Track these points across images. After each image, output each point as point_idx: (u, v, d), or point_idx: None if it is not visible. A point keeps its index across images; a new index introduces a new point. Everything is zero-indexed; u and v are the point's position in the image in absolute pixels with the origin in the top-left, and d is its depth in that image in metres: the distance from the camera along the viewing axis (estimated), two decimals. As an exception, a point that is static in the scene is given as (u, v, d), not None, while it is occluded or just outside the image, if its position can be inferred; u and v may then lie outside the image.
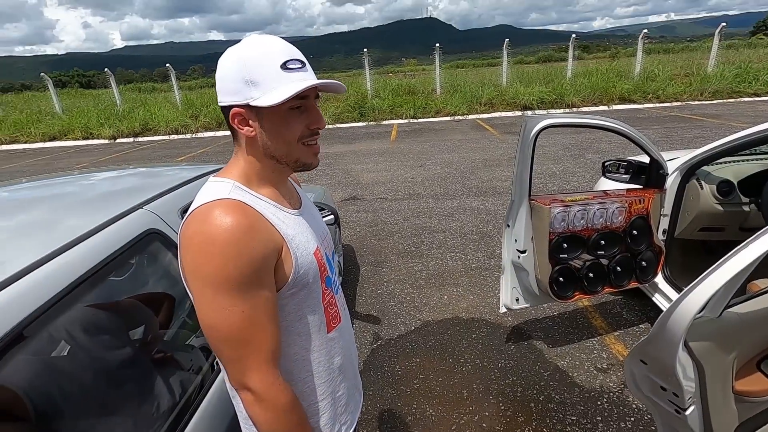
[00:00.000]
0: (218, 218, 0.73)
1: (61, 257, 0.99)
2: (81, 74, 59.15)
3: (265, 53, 0.76)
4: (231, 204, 0.76)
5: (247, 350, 0.76)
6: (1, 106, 16.39)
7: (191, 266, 0.74)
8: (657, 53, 20.35)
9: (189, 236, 0.75)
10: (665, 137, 8.16)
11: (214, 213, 0.74)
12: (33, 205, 1.40)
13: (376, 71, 16.49)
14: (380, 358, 2.60)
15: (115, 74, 16.26)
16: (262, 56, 0.76)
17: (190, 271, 0.75)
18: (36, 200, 1.48)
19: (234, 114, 0.78)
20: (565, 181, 5.85)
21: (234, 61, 0.77)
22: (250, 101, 0.76)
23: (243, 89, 0.76)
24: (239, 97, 0.77)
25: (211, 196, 0.77)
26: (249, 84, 0.75)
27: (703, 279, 0.92)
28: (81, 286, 1.00)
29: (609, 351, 2.51)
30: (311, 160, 0.86)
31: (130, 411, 1.09)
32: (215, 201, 0.76)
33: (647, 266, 2.41)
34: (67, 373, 1.01)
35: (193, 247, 0.74)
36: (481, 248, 3.99)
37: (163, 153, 10.75)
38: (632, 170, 2.52)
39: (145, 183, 1.71)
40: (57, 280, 0.95)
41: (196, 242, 0.73)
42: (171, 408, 1.11)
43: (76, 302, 1.01)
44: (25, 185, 1.80)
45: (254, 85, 0.75)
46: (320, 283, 0.89)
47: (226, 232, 0.72)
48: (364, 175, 6.95)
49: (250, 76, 0.75)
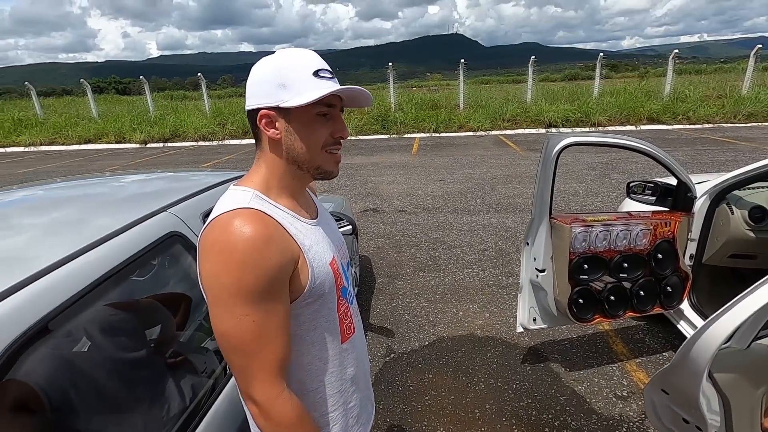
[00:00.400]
0: (238, 228, 0.74)
1: (86, 255, 1.03)
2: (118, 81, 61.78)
3: (299, 61, 0.80)
4: (251, 213, 0.77)
5: (254, 361, 0.76)
6: (43, 110, 17.22)
7: (209, 274, 0.76)
8: (688, 74, 19.89)
9: (209, 244, 0.76)
10: (695, 159, 7.93)
11: (234, 222, 0.75)
12: (65, 204, 1.45)
13: (400, 85, 16.64)
14: (392, 371, 2.58)
15: (150, 82, 16.93)
16: (296, 64, 0.80)
17: (208, 279, 0.76)
18: (68, 199, 1.54)
19: (262, 115, 0.80)
20: (589, 201, 5.73)
21: (269, 67, 0.80)
22: (280, 103, 0.79)
23: (275, 92, 0.79)
24: (270, 99, 0.79)
25: (232, 205, 0.79)
26: (281, 87, 0.78)
27: (731, 307, 0.88)
28: (104, 284, 1.03)
29: (629, 378, 2.42)
30: (332, 168, 0.87)
31: (141, 409, 1.11)
32: (236, 210, 0.77)
33: (672, 292, 2.33)
34: (84, 369, 1.04)
35: (212, 256, 0.75)
36: (499, 265, 3.93)
37: (190, 159, 11.06)
38: (659, 192, 2.45)
39: (170, 187, 1.76)
40: (81, 277, 0.98)
41: (215, 251, 0.75)
42: (182, 409, 1.13)
43: (98, 300, 1.04)
44: (59, 185, 1.88)
45: (286, 88, 0.78)
46: (336, 294, 0.89)
47: (246, 242, 0.73)
48: (384, 187, 6.98)
49: (283, 80, 0.78)
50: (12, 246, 1.05)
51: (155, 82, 44.02)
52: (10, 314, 0.82)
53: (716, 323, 0.88)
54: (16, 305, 0.83)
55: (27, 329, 0.82)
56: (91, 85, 16.73)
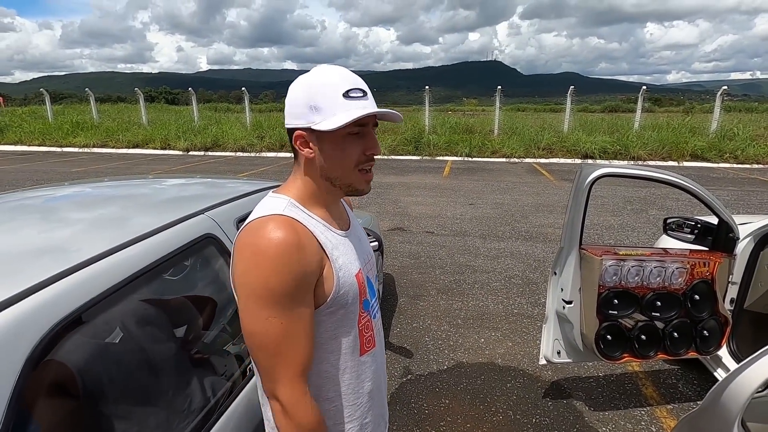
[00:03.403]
0: (271, 232, 0.78)
1: (124, 252, 1.08)
2: (168, 91, 65.41)
3: (329, 82, 0.82)
4: (284, 220, 0.81)
5: (279, 361, 0.79)
6: (99, 114, 18.42)
7: (240, 274, 0.80)
8: (738, 111, 19.10)
9: (242, 246, 0.80)
10: (741, 200, 7.54)
11: (267, 227, 0.79)
12: (108, 202, 1.55)
13: (435, 108, 16.80)
14: (408, 393, 2.54)
15: (197, 93, 17.85)
16: (327, 84, 0.82)
17: (239, 278, 0.80)
18: (111, 198, 1.65)
19: (297, 136, 0.85)
20: (624, 236, 5.54)
21: (301, 88, 0.84)
22: (312, 125, 0.82)
23: (307, 114, 0.82)
24: (303, 120, 0.83)
25: (268, 211, 0.83)
26: (312, 109, 0.82)
27: (767, 352, 0.84)
28: (138, 279, 1.09)
29: (659, 425, 2.28)
30: (363, 187, 0.90)
31: (165, 402, 1.15)
32: (270, 216, 0.82)
33: (709, 336, 2.20)
34: (116, 359, 1.09)
35: (244, 257, 0.79)
36: (525, 294, 3.83)
37: (228, 168, 11.49)
38: (698, 230, 2.35)
39: (208, 192, 1.85)
40: (118, 272, 1.03)
41: (248, 252, 0.79)
42: (202, 405, 1.16)
43: (133, 294, 1.10)
44: (107, 184, 2.01)
45: (317, 110, 0.81)
46: (358, 306, 0.91)
47: (277, 246, 0.77)
48: (413, 208, 6.99)
49: (314, 102, 0.82)
50: (57, 238, 1.13)
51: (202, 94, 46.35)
52: (51, 302, 0.86)
53: (751, 367, 0.84)
54: (55, 294, 0.88)
55: (64, 317, 0.87)
56: (144, 94, 17.81)
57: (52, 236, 1.15)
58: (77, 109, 21.37)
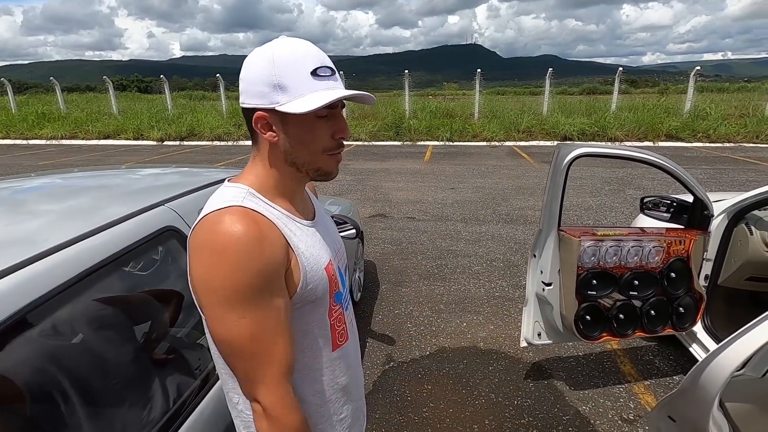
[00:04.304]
0: (229, 226, 0.71)
1: (78, 245, 1.01)
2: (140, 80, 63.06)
3: (295, 58, 0.74)
4: (242, 212, 0.73)
5: (257, 363, 0.73)
6: (66, 105, 17.64)
7: (200, 277, 0.72)
8: (710, 92, 19.52)
9: (198, 245, 0.72)
10: (714, 178, 7.74)
11: (225, 220, 0.72)
12: (67, 195, 1.45)
13: (416, 93, 16.65)
14: (391, 380, 2.52)
15: (170, 81, 17.24)
16: (293, 61, 0.73)
17: (199, 282, 0.72)
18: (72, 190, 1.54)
19: (258, 117, 0.76)
20: (602, 216, 5.61)
21: (263, 63, 0.74)
22: (276, 106, 0.73)
23: (270, 93, 0.73)
24: (265, 100, 0.74)
25: (223, 203, 0.75)
26: (277, 88, 0.73)
27: (746, 331, 0.82)
28: (94, 274, 1.01)
29: (637, 401, 2.32)
30: (332, 169, 0.83)
31: (125, 406, 1.08)
32: (227, 208, 0.74)
33: (685, 313, 2.24)
34: (68, 360, 1.02)
35: (202, 257, 0.71)
36: (506, 277, 3.85)
37: (204, 157, 11.19)
38: (673, 209, 2.37)
39: (173, 181, 1.75)
40: (69, 267, 0.96)
41: (205, 252, 0.71)
42: (165, 409, 1.10)
43: (88, 290, 1.02)
44: (67, 175, 1.89)
45: (281, 89, 0.73)
46: (329, 299, 0.85)
47: (238, 242, 0.70)
48: (394, 193, 6.94)
49: (279, 80, 0.73)
50: (16, 231, 1.05)
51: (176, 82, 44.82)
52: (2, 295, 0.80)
53: (729, 348, 0.82)
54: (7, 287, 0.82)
55: (9, 316, 0.80)
56: (114, 83, 17.11)
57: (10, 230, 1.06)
58: (42, 99, 20.47)
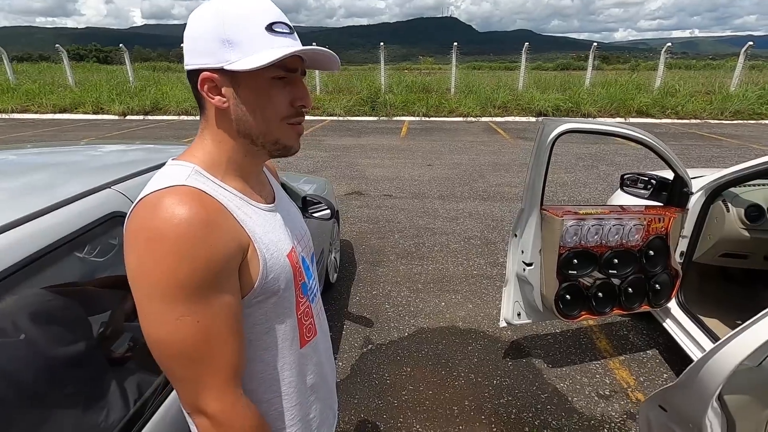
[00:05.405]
0: (170, 209, 0.60)
1: (11, 233, 0.86)
2: (99, 49, 59.28)
3: (248, 11, 0.64)
4: (187, 191, 0.63)
5: (202, 368, 0.63)
6: (15, 75, 16.37)
7: (136, 268, 0.61)
8: (678, 69, 19.96)
9: (134, 231, 0.61)
10: (681, 154, 7.93)
11: (164, 203, 0.61)
12: (7, 173, 1.27)
13: (391, 67, 16.27)
14: (369, 363, 2.47)
15: (132, 52, 16.22)
16: (245, 14, 0.64)
17: (135, 274, 0.61)
18: (12, 168, 1.35)
19: (204, 79, 0.65)
20: (576, 192, 5.67)
21: (210, 16, 0.64)
22: (225, 64, 0.63)
23: (218, 50, 0.63)
24: (212, 59, 0.64)
25: (165, 183, 0.64)
26: (226, 44, 0.63)
27: (749, 326, 0.76)
28: (32, 265, 0.87)
29: (612, 376, 2.35)
30: (293, 143, 0.73)
31: (74, 409, 0.96)
32: (168, 188, 0.63)
33: (661, 290, 2.25)
34: (8, 360, 0.88)
35: (138, 245, 0.60)
36: (484, 255, 3.84)
37: (170, 133, 10.66)
38: (653, 186, 2.35)
39: (124, 160, 1.57)
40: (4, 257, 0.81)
41: (142, 239, 0.60)
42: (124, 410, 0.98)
43: (24, 282, 0.88)
44: (10, 152, 1.68)
45: (232, 45, 0.63)
46: (294, 291, 0.76)
47: (179, 226, 0.59)
48: (370, 170, 6.80)
49: (228, 35, 0.63)
50: None
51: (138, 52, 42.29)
52: None
53: (732, 343, 0.77)
54: None
55: None
56: (70, 53, 16.01)
57: None
58: (-11, 69, 18.93)
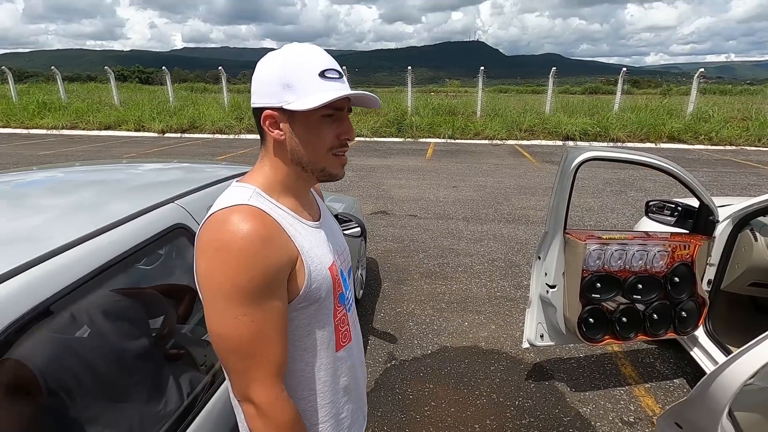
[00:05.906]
0: (235, 225, 0.73)
1: (91, 242, 1.01)
2: (141, 70, 62.84)
3: (305, 60, 0.77)
4: (249, 211, 0.76)
5: (253, 362, 0.75)
6: (67, 94, 17.56)
7: (204, 273, 0.74)
8: (713, 94, 19.49)
9: (205, 242, 0.75)
10: (716, 181, 7.74)
11: (231, 219, 0.74)
12: (77, 189, 1.45)
13: (418, 89, 16.61)
14: (392, 379, 2.53)
15: (172, 73, 17.16)
16: (302, 62, 0.77)
17: (203, 278, 0.74)
18: (81, 184, 1.54)
19: (266, 116, 0.79)
20: (603, 217, 5.62)
21: (274, 65, 0.78)
22: (285, 104, 0.77)
23: (279, 92, 0.77)
24: (274, 99, 0.77)
25: (231, 202, 0.77)
26: (286, 87, 0.76)
27: (758, 343, 0.82)
28: (107, 271, 1.02)
29: (637, 403, 2.34)
30: (337, 171, 0.85)
31: (138, 399, 1.09)
32: (234, 206, 0.76)
33: (687, 317, 2.24)
34: (84, 355, 1.02)
35: (208, 254, 0.73)
36: (508, 277, 3.86)
37: (205, 150, 11.17)
38: (678, 213, 2.37)
39: (180, 178, 1.75)
40: (85, 264, 0.96)
41: (211, 248, 0.73)
42: (178, 405, 1.10)
43: (101, 286, 1.03)
44: (75, 169, 1.89)
45: (291, 89, 0.76)
46: (333, 300, 0.87)
47: (243, 240, 0.72)
48: (395, 191, 6.94)
49: (288, 80, 0.76)
50: (25, 226, 1.05)
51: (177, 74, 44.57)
52: (16, 293, 0.81)
53: (741, 359, 0.83)
54: (21, 285, 0.82)
55: (29, 310, 0.81)
56: (115, 73, 17.04)
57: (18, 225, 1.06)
58: (43, 88, 20.34)
